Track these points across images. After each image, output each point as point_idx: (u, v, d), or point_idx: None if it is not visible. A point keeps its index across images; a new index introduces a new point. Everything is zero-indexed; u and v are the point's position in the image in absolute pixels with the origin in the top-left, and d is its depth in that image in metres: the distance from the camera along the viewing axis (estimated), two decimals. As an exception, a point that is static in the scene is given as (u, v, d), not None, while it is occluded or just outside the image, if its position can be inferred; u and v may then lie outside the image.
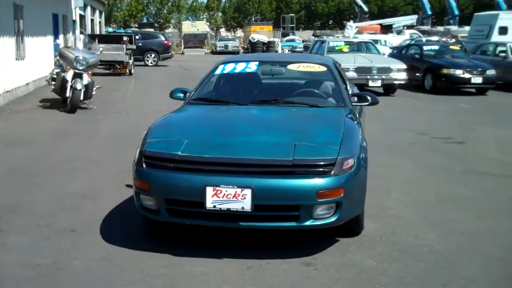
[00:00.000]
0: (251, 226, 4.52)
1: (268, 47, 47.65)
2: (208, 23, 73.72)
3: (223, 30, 79.90)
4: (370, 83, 16.60)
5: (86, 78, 12.61)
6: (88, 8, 32.47)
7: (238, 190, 4.29)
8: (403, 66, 17.23)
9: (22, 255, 4.60)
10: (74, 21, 26.11)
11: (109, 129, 10.86)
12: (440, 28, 50.05)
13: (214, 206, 4.35)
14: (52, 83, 13.40)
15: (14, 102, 14.26)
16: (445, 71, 17.70)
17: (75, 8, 25.64)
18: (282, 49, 45.95)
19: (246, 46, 52.71)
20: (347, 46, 18.87)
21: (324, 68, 6.35)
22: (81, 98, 12.62)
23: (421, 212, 5.87)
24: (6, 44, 14.26)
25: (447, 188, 6.81)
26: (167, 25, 77.04)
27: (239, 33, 74.37)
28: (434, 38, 36.02)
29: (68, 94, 12.54)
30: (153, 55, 29.59)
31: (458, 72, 17.52)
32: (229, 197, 4.31)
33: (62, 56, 13.13)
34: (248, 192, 4.28)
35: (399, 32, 43.53)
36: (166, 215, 4.58)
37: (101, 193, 6.41)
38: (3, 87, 13.97)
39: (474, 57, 19.91)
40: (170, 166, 4.52)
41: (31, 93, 16.17)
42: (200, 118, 5.57)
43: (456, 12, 54.12)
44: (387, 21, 44.78)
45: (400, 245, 4.90)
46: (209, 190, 4.33)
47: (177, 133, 4.94)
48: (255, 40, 49.15)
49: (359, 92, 6.50)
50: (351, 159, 4.54)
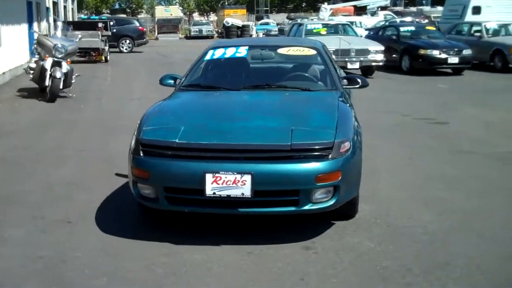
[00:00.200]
0: (251, 212, 4.55)
1: (243, 31, 47.48)
2: (181, 8, 73.09)
3: (196, 15, 79.30)
4: (349, 65, 16.66)
5: (65, 66, 12.45)
6: (61, -6, 32.03)
7: (238, 176, 4.31)
8: (381, 48, 17.36)
9: (23, 248, 4.57)
10: (48, 8, 25.72)
11: (91, 118, 10.78)
12: (413, 9, 50.27)
13: (214, 193, 4.36)
14: (31, 72, 13.19)
15: (-8, 92, 14.05)
16: (422, 52, 17.86)
17: (48, -5, 25.29)
18: (257, 33, 45.78)
19: (220, 30, 52.45)
20: (325, 29, 18.91)
21: (314, 52, 6.38)
22: (61, 87, 12.46)
23: (412, 193, 5.95)
24: (-19, 33, 14.03)
25: (435, 168, 6.91)
26: (140, 11, 76.25)
27: (212, 17, 73.87)
28: (408, 19, 36.17)
29: (47, 83, 12.37)
30: (128, 41, 29.33)
31: (435, 53, 17.70)
32: (229, 184, 4.32)
33: (40, 44, 12.93)
34: (248, 178, 4.30)
35: (373, 14, 43.52)
36: (165, 203, 4.58)
37: (91, 183, 6.38)
38: (-20, 77, 13.77)
39: (450, 37, 20.09)
40: (168, 154, 4.51)
41: (8, 83, 15.91)
42: (195, 105, 5.56)
43: (429, -7, 54.38)
44: (361, 3, 44.71)
45: (395, 227, 4.97)
46: (209, 177, 4.33)
47: (173, 120, 4.93)
48: (230, 24, 48.96)
49: (349, 75, 6.53)
50: (347, 142, 4.59)
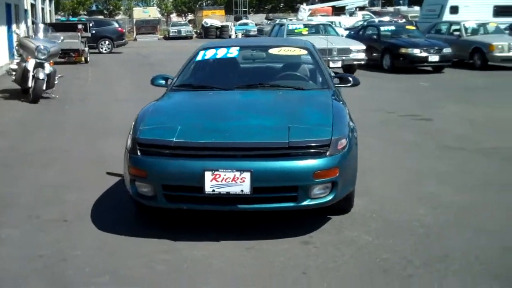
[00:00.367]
0: (250, 209, 4.58)
1: (222, 32, 47.51)
2: (159, 9, 72.82)
3: (174, 16, 79.06)
4: (331, 64, 16.71)
5: (48, 68, 12.38)
6: (38, -4, 31.75)
7: (237, 174, 4.33)
8: (363, 47, 17.52)
9: (21, 247, 4.54)
10: (26, 11, 25.49)
11: (76, 118, 10.72)
12: (390, 9, 50.78)
13: (213, 190, 4.37)
14: (13, 73, 13.07)
15: (-28, 94, 13.89)
16: (403, 51, 18.04)
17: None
18: (236, 33, 45.82)
19: (199, 31, 52.38)
20: (306, 29, 19.00)
21: (305, 51, 6.43)
22: (44, 88, 12.39)
23: (404, 188, 6.03)
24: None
25: (424, 164, 7.00)
26: (117, 12, 75.80)
27: (190, 17, 73.73)
28: (386, 19, 36.47)
29: (30, 84, 12.28)
30: (107, 42, 29.26)
31: (416, 51, 17.90)
32: (228, 181, 4.34)
33: (23, 46, 12.83)
34: (247, 175, 4.32)
35: (352, 14, 43.89)
36: (164, 201, 4.59)
37: (82, 183, 6.35)
38: (-40, 79, 13.59)
39: (429, 36, 20.32)
40: (166, 153, 4.52)
41: (-12, 85, 15.73)
42: (189, 104, 5.58)
43: (405, -7, 54.96)
44: (340, 3, 45.02)
45: (391, 221, 5.03)
46: (208, 175, 4.35)
47: (169, 120, 4.94)
48: (208, 25, 48.99)
49: (341, 74, 6.60)
50: (344, 139, 4.64)
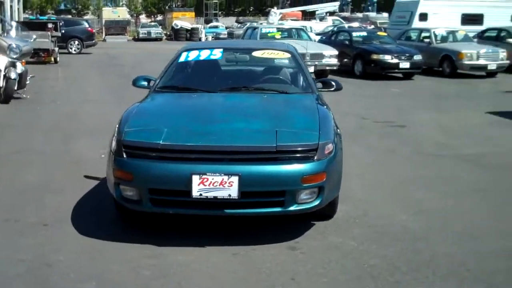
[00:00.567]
0: (237, 213, 4.54)
1: (192, 34, 47.36)
2: (128, 10, 72.21)
3: (143, 17, 78.51)
4: (304, 69, 16.80)
5: (20, 67, 12.14)
6: (6, -6, 31.14)
7: (225, 178, 4.29)
8: (335, 52, 17.63)
9: (2, 251, 4.42)
10: (-6, 8, 25.03)
11: (48, 120, 10.54)
12: (359, 15, 51.20)
13: (200, 195, 4.33)
14: (-17, 73, 12.77)
15: None
16: (375, 57, 18.18)
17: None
18: (206, 36, 45.69)
19: (169, 33, 52.12)
20: (279, 33, 19.04)
21: (289, 55, 6.43)
22: (15, 88, 12.14)
23: (386, 194, 6.07)
24: None
25: (404, 170, 7.06)
26: (86, 12, 74.92)
27: (159, 18, 73.31)
28: (355, 24, 36.79)
29: (1, 84, 12.01)
30: (77, 43, 28.78)
31: (387, 58, 18.05)
32: (216, 185, 4.30)
33: (-6, 44, 12.55)
34: (235, 179, 4.29)
35: (322, 19, 44.20)
36: (149, 205, 4.52)
37: (60, 185, 6.23)
38: None
39: (400, 43, 20.52)
40: (152, 156, 4.46)
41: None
42: (174, 106, 5.51)
43: (374, -1, 55.58)
44: (311, 8, 45.37)
45: (375, 227, 5.04)
46: (195, 179, 4.30)
47: (154, 122, 4.88)
48: (179, 27, 48.83)
49: (324, 78, 6.62)
50: (331, 144, 4.65)
